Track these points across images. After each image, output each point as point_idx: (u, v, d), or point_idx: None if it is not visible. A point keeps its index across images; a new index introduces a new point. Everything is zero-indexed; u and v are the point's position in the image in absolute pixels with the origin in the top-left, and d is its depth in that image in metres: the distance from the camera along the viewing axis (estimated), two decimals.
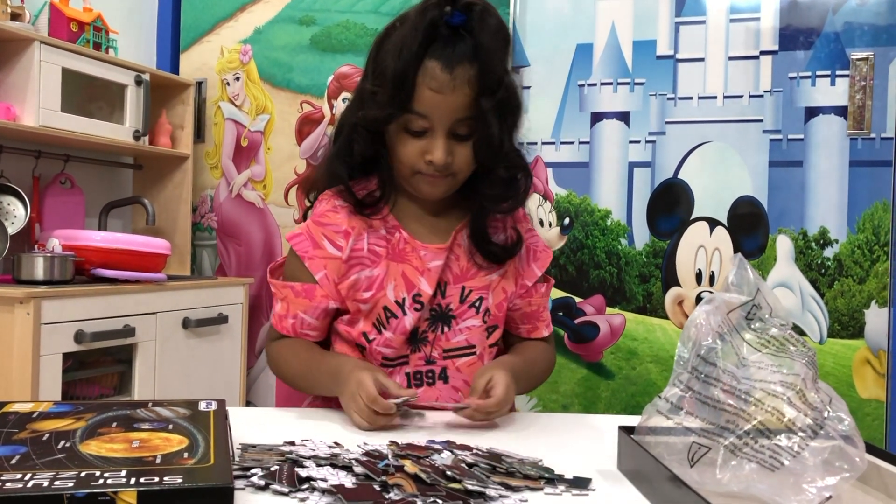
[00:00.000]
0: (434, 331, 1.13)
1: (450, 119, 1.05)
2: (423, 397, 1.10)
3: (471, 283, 1.14)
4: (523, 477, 0.74)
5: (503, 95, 1.06)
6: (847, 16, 2.19)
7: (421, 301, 1.11)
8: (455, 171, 1.09)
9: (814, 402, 0.68)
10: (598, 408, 2.36)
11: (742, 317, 0.75)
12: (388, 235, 1.13)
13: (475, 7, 1.04)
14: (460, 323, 1.14)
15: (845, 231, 2.20)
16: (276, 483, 0.70)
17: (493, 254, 1.15)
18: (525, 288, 1.19)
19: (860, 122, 2.17)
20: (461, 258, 1.15)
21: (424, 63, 1.03)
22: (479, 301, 1.14)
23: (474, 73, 1.04)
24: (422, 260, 1.12)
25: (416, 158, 1.07)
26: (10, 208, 2.16)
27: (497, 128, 1.06)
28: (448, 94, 1.03)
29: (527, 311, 1.21)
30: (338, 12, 2.60)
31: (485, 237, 1.14)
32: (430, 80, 1.03)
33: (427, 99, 1.04)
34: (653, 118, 2.34)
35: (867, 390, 2.19)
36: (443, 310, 1.13)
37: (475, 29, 1.04)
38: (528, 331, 1.22)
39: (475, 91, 1.04)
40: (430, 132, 1.06)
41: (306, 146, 2.63)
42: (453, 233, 1.14)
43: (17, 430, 0.73)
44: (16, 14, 2.11)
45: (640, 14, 2.35)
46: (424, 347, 1.13)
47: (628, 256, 2.36)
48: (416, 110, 1.05)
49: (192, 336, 2.25)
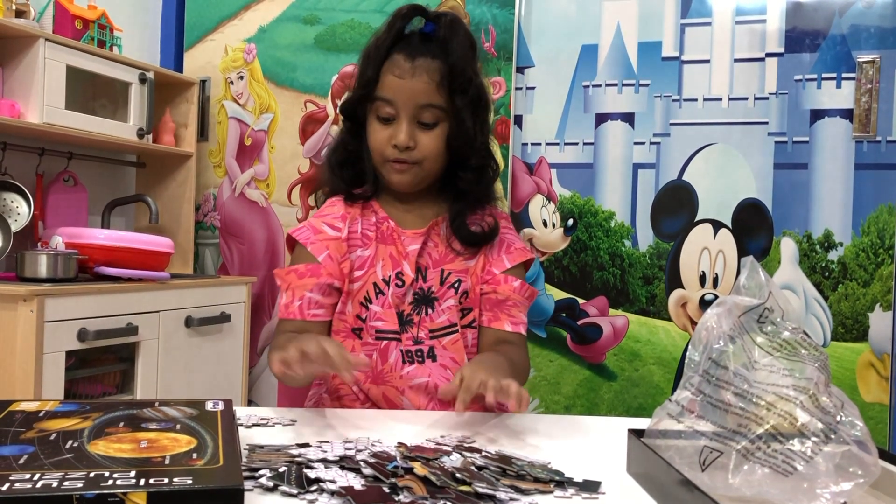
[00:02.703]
0: (418, 313, 1.21)
1: (412, 104, 1.17)
2: (415, 374, 1.19)
3: (449, 266, 1.23)
4: (533, 480, 0.74)
5: (475, 94, 1.19)
6: (853, 18, 2.19)
7: (402, 279, 1.21)
8: (419, 158, 1.18)
9: (826, 407, 0.67)
10: (601, 409, 2.36)
11: (753, 320, 0.74)
12: (378, 223, 1.24)
13: (444, 17, 1.20)
14: (442, 304, 1.22)
15: (850, 234, 2.19)
16: (284, 484, 0.69)
17: (468, 238, 1.22)
18: (491, 275, 1.23)
19: (866, 125, 2.16)
20: (439, 245, 1.24)
21: (391, 55, 1.19)
22: (457, 283, 1.22)
23: (437, 67, 1.17)
24: (403, 244, 1.22)
25: (384, 144, 1.19)
26: (14, 205, 2.16)
27: (471, 122, 1.19)
28: (408, 79, 1.16)
29: (492, 299, 1.23)
30: (342, 11, 2.59)
31: (462, 225, 1.22)
32: (394, 68, 1.18)
33: (390, 84, 1.17)
34: (657, 120, 2.34)
35: (871, 394, 2.18)
36: (425, 293, 1.22)
37: (443, 35, 1.18)
38: (490, 319, 1.23)
39: (437, 81, 1.16)
40: (395, 119, 1.18)
41: (310, 145, 2.63)
42: (431, 222, 1.24)
43: (24, 430, 0.73)
44: (20, 11, 2.10)
45: (645, 15, 2.35)
46: (411, 329, 1.20)
47: (632, 258, 2.35)
48: (381, 96, 1.18)
49: (195, 335, 2.25)
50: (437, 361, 1.20)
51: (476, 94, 1.20)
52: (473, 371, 0.98)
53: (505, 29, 2.42)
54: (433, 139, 1.18)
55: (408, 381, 1.19)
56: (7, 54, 2.05)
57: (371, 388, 1.20)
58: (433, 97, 1.17)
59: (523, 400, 0.94)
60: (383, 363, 1.19)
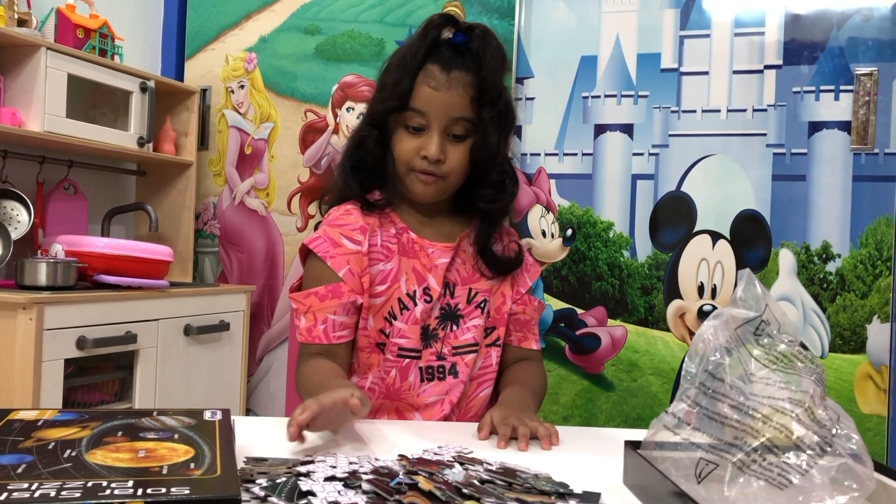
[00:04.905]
0: (444, 329, 1.20)
1: (445, 116, 1.14)
2: (434, 391, 1.19)
3: (476, 285, 1.22)
4: (538, 493, 0.73)
5: (503, 108, 1.17)
6: (851, 31, 2.20)
7: (430, 294, 1.18)
8: (447, 171, 1.16)
9: (822, 420, 0.68)
10: (599, 420, 2.36)
11: (750, 332, 0.74)
12: (398, 235, 1.20)
13: (476, 29, 1.17)
14: (468, 322, 1.21)
15: (848, 246, 2.20)
16: (274, 496, 0.69)
17: (499, 269, 1.23)
18: (520, 295, 1.26)
19: (864, 137, 2.17)
20: (466, 263, 1.23)
21: (425, 66, 1.15)
22: (483, 303, 1.22)
23: (470, 80, 1.15)
24: (430, 257, 1.19)
25: (412, 155, 1.16)
26: (14, 213, 2.16)
27: (496, 136, 1.16)
28: (444, 91, 1.14)
29: (521, 319, 1.27)
30: (343, 22, 2.61)
31: (492, 256, 1.22)
32: (429, 79, 1.15)
33: (425, 95, 1.14)
34: (656, 131, 2.35)
35: (868, 405, 2.18)
36: (451, 309, 1.21)
37: (476, 47, 1.15)
38: (519, 339, 1.28)
39: (471, 95, 1.14)
40: (427, 130, 1.15)
41: (310, 155, 2.63)
42: (459, 237, 1.22)
43: (22, 439, 0.73)
44: (22, 20, 2.11)
45: (644, 27, 2.36)
46: (435, 344, 1.19)
47: (630, 268, 2.35)
48: (414, 107, 1.15)
49: (194, 343, 2.25)
50: (458, 377, 1.20)
51: (504, 107, 1.18)
52: (504, 417, 1.00)
53: (505, 39, 2.42)
54: (461, 153, 1.16)
55: (424, 398, 1.19)
56: (9, 63, 2.06)
57: (385, 403, 1.19)
58: (466, 111, 1.15)
59: (553, 437, 0.98)
60: (402, 381, 1.18)
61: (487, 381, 1.24)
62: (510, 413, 1.02)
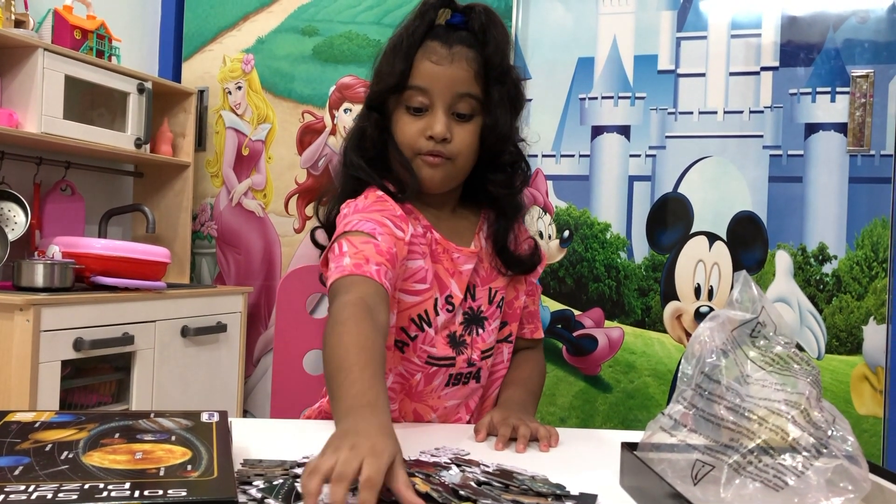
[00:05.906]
0: (470, 333, 1.15)
1: (449, 92, 1.08)
2: (456, 395, 1.16)
3: (495, 284, 1.18)
4: (535, 494, 0.73)
5: (512, 87, 1.11)
6: (847, 33, 2.20)
7: (452, 303, 1.13)
8: (455, 152, 1.09)
9: (818, 422, 0.68)
10: (596, 421, 2.36)
11: (746, 334, 0.75)
12: (425, 232, 1.12)
13: (475, 7, 1.11)
14: (491, 323, 1.17)
15: (844, 247, 2.20)
16: (271, 497, 0.69)
17: (520, 269, 1.19)
18: (532, 285, 1.25)
19: (860, 138, 2.18)
20: (484, 261, 1.18)
21: (425, 42, 1.09)
22: (501, 300, 1.19)
23: (474, 56, 1.09)
24: (454, 262, 1.13)
25: (417, 137, 1.09)
26: (11, 215, 2.16)
27: (506, 118, 1.11)
28: (446, 65, 1.08)
29: (531, 310, 1.26)
30: (340, 23, 2.61)
31: (511, 257, 1.17)
32: (430, 55, 1.08)
33: (426, 70, 1.08)
34: (653, 132, 2.35)
35: (865, 407, 2.19)
36: (475, 312, 1.16)
37: (479, 25, 1.10)
38: (531, 331, 1.27)
39: (475, 70, 1.08)
40: (430, 109, 1.09)
41: (307, 156, 2.63)
42: (477, 237, 1.17)
43: (19, 441, 0.73)
44: (20, 21, 2.11)
45: (641, 28, 2.37)
46: (466, 350, 1.14)
47: (627, 270, 2.36)
48: (415, 84, 1.08)
49: (191, 344, 2.25)
50: (480, 382, 1.18)
51: (513, 87, 1.12)
52: (505, 417, 1.00)
53: None
54: (468, 133, 1.10)
55: (444, 401, 1.16)
56: (6, 64, 2.06)
57: (404, 402, 1.16)
58: (471, 86, 1.08)
59: (552, 438, 0.98)
60: (426, 385, 1.14)
61: (499, 378, 1.22)
62: (511, 414, 1.02)
